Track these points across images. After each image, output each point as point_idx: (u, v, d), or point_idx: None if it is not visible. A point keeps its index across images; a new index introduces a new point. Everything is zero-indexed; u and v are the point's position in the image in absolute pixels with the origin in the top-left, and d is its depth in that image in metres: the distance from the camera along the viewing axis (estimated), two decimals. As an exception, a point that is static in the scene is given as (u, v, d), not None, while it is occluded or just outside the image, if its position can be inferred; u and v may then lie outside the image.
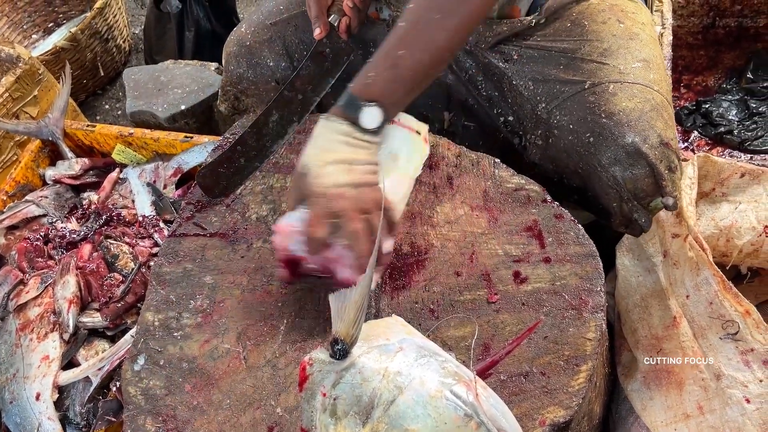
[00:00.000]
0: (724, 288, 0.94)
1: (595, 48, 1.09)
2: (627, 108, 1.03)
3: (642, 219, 1.05)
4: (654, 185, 1.02)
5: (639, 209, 1.04)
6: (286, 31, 1.32)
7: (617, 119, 1.02)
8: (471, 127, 1.28)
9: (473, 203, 1.06)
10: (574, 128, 1.07)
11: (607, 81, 1.06)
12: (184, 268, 1.07)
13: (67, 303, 1.23)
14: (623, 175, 1.02)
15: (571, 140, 1.07)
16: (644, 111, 1.02)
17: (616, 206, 1.06)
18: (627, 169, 1.01)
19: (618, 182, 1.03)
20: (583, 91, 1.07)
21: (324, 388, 0.73)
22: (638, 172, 1.01)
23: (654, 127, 1.01)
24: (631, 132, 1.01)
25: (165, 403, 0.93)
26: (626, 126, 1.01)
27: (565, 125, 1.08)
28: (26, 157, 1.64)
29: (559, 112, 1.09)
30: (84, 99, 2.50)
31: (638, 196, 1.03)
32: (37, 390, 1.17)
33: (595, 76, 1.07)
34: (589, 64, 1.08)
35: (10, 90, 1.75)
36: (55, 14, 2.72)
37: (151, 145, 1.61)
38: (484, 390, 0.71)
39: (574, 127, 1.07)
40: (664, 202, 1.01)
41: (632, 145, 1.00)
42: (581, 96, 1.07)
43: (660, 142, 1.01)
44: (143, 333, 1.01)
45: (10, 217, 1.48)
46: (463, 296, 0.96)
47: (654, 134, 1.01)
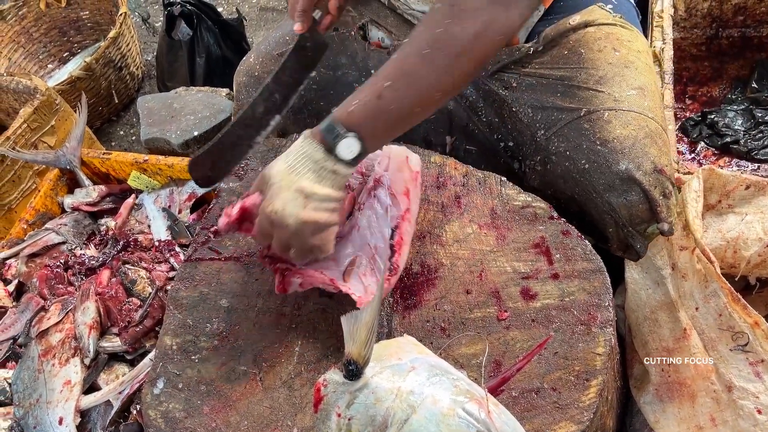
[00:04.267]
0: (732, 300, 0.95)
1: (590, 76, 1.11)
2: (621, 135, 1.04)
3: (638, 245, 1.07)
4: (649, 211, 1.03)
5: (635, 235, 1.05)
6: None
7: (611, 146, 1.04)
8: (473, 151, 1.30)
9: (481, 221, 1.08)
10: (570, 155, 1.08)
11: (602, 108, 1.08)
12: (201, 292, 1.10)
13: (87, 328, 1.26)
14: (618, 202, 1.03)
15: (567, 167, 1.09)
16: (638, 138, 1.04)
17: (613, 231, 1.07)
18: (621, 196, 1.03)
19: (613, 208, 1.04)
20: (579, 118, 1.09)
21: (339, 408, 0.74)
22: (632, 199, 1.02)
23: (648, 154, 1.03)
24: (624, 159, 1.03)
25: (184, 425, 0.95)
26: (620, 153, 1.03)
27: (562, 152, 1.09)
28: (45, 185, 1.68)
29: (557, 139, 1.11)
30: (99, 126, 2.55)
31: (633, 222, 1.04)
32: (60, 414, 1.20)
33: (590, 104, 1.09)
34: (585, 92, 1.10)
35: (29, 121, 1.80)
36: (70, 44, 2.79)
37: (165, 171, 1.65)
38: (496, 407, 0.72)
39: (570, 153, 1.08)
40: (660, 228, 1.03)
41: (626, 172, 1.02)
42: (577, 123, 1.09)
43: (654, 169, 1.02)
44: (162, 357, 1.03)
45: (30, 245, 1.52)
46: (473, 314, 0.98)
47: (648, 161, 1.02)
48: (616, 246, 1.10)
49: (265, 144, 1.30)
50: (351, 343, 0.75)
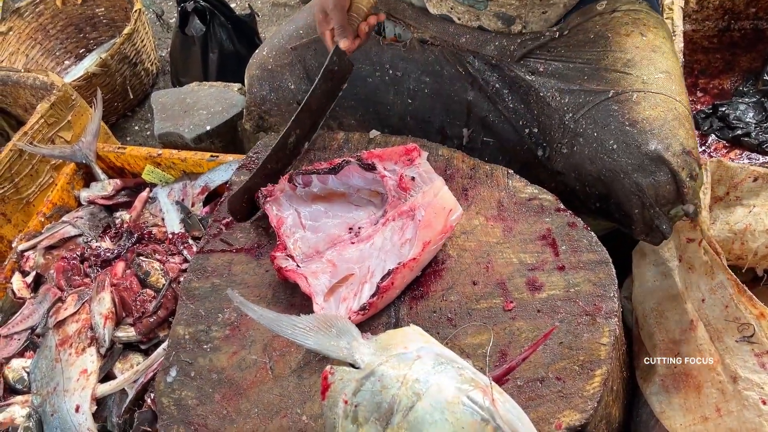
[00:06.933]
0: (738, 291, 0.96)
1: (618, 59, 1.12)
2: (650, 116, 1.05)
3: (663, 226, 1.07)
4: (675, 192, 1.03)
5: (660, 216, 1.05)
6: (305, 55, 1.37)
7: (641, 127, 1.04)
8: (490, 142, 1.31)
9: (488, 213, 1.09)
10: (598, 136, 1.09)
11: (630, 90, 1.08)
12: (212, 283, 1.12)
13: (102, 319, 1.29)
14: (646, 182, 1.03)
15: (595, 147, 1.09)
16: (667, 120, 1.04)
17: (638, 213, 1.07)
18: (649, 176, 1.03)
19: (641, 189, 1.04)
20: (607, 99, 1.09)
21: (345, 395, 0.76)
22: (660, 179, 1.02)
23: (676, 135, 1.03)
24: (654, 139, 1.03)
25: (197, 412, 0.98)
26: (649, 134, 1.03)
27: (590, 133, 1.10)
28: (62, 179, 1.71)
29: (585, 121, 1.11)
30: (114, 121, 2.59)
31: (660, 202, 1.04)
32: (77, 402, 1.23)
33: (618, 86, 1.09)
34: (612, 74, 1.11)
35: (46, 116, 1.83)
36: (86, 40, 2.83)
37: (179, 165, 1.68)
38: (500, 395, 0.73)
39: (598, 134, 1.09)
40: (685, 210, 1.03)
41: (655, 152, 1.02)
42: (605, 104, 1.09)
43: (682, 150, 1.02)
44: (175, 346, 1.06)
45: (48, 237, 1.56)
46: (479, 305, 0.99)
47: (677, 142, 1.02)
48: (639, 229, 1.10)
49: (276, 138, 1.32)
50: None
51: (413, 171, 1.07)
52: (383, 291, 0.98)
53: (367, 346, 0.80)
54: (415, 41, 1.29)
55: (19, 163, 1.80)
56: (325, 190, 1.15)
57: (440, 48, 1.28)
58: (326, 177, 1.13)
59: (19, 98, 2.10)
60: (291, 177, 1.13)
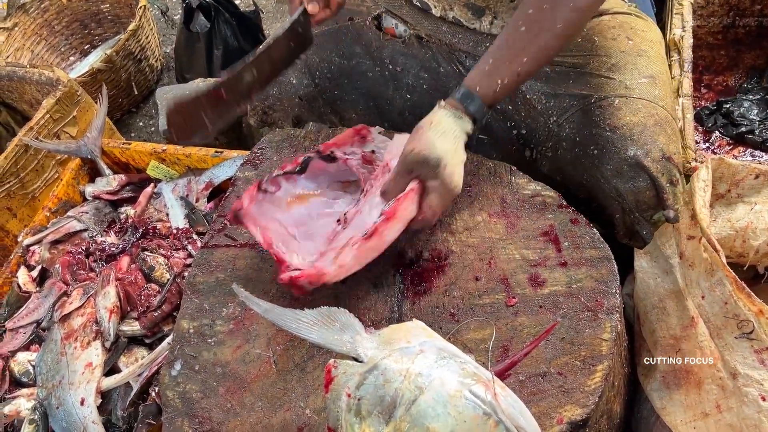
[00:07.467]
0: (737, 288, 0.96)
1: (603, 63, 1.12)
2: (630, 122, 1.05)
3: (644, 231, 1.07)
4: (655, 198, 1.04)
5: (641, 221, 1.06)
6: (307, 51, 1.37)
7: (621, 133, 1.05)
8: (485, 140, 1.31)
9: (491, 210, 1.10)
10: (579, 140, 1.09)
11: (612, 95, 1.08)
12: (217, 278, 1.13)
13: (107, 313, 1.30)
14: (625, 187, 1.04)
15: (577, 152, 1.10)
16: (647, 125, 1.05)
17: (619, 218, 1.08)
18: (629, 182, 1.04)
19: (620, 194, 1.05)
20: (590, 104, 1.10)
21: (349, 389, 0.77)
22: (640, 185, 1.03)
23: (656, 141, 1.03)
24: (633, 145, 1.03)
25: (201, 406, 0.99)
26: (629, 140, 1.04)
27: (572, 137, 1.11)
28: (67, 174, 1.72)
29: (568, 125, 1.12)
30: (119, 117, 2.59)
31: (640, 208, 1.05)
32: (82, 395, 1.24)
33: (602, 90, 1.10)
34: (597, 79, 1.11)
35: (51, 111, 1.84)
36: (91, 36, 2.83)
37: (183, 161, 1.68)
38: (502, 389, 0.74)
39: (579, 139, 1.09)
40: (665, 215, 1.04)
41: (634, 158, 1.03)
42: (588, 109, 1.10)
43: (662, 156, 1.03)
44: (179, 340, 1.07)
45: (53, 232, 1.57)
46: (482, 300, 1.00)
47: (656, 148, 1.03)
48: (622, 233, 1.11)
49: (280, 134, 1.33)
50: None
51: (369, 146, 1.14)
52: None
53: (370, 341, 0.81)
54: (414, 38, 1.30)
55: (24, 158, 1.81)
56: (295, 195, 1.14)
57: (436, 45, 1.28)
58: (295, 180, 1.13)
59: (24, 94, 2.11)
60: (260, 185, 1.10)
